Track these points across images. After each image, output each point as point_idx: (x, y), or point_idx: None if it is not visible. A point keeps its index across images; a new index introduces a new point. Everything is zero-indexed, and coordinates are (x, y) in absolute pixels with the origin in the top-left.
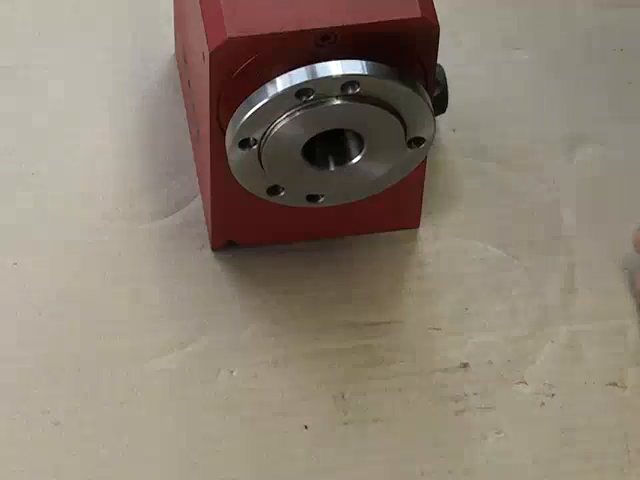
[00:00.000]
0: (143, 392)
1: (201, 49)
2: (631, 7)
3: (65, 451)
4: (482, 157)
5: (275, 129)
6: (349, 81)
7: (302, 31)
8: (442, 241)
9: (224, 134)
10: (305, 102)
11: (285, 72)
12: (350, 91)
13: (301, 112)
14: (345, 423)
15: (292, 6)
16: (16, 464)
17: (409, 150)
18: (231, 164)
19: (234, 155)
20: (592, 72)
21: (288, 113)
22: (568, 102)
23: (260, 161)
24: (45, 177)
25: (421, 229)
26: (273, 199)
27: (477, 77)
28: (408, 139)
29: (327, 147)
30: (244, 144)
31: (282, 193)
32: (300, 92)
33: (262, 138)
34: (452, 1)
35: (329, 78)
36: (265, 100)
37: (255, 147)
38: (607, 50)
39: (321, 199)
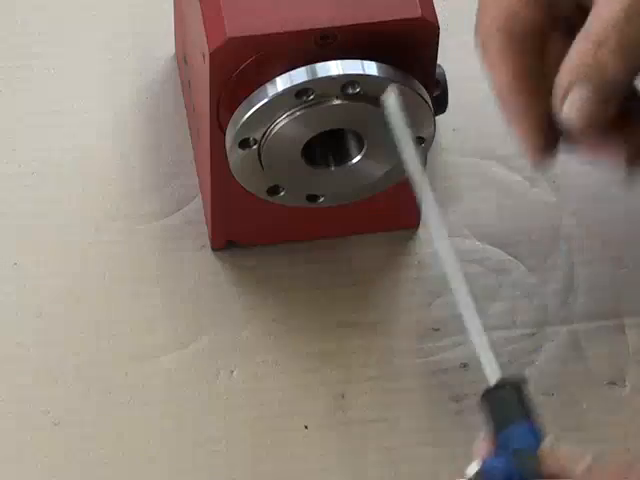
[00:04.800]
0: (143, 392)
1: (201, 49)
2: None
3: (65, 451)
4: (482, 157)
5: (275, 129)
6: (349, 81)
7: (302, 31)
8: None
9: (224, 134)
10: (305, 102)
11: (285, 72)
12: (350, 91)
13: (301, 112)
14: (345, 423)
15: (292, 6)
16: (16, 464)
17: None
18: (231, 164)
19: (234, 155)
20: None
21: (288, 113)
22: None
23: (260, 161)
24: (45, 177)
25: (421, 229)
26: (273, 199)
27: (477, 77)
28: None
29: (327, 147)
30: (244, 144)
31: (282, 193)
32: (300, 92)
33: (262, 138)
34: (452, 1)
35: (329, 78)
36: (265, 100)
37: (255, 147)
38: None
39: (321, 199)
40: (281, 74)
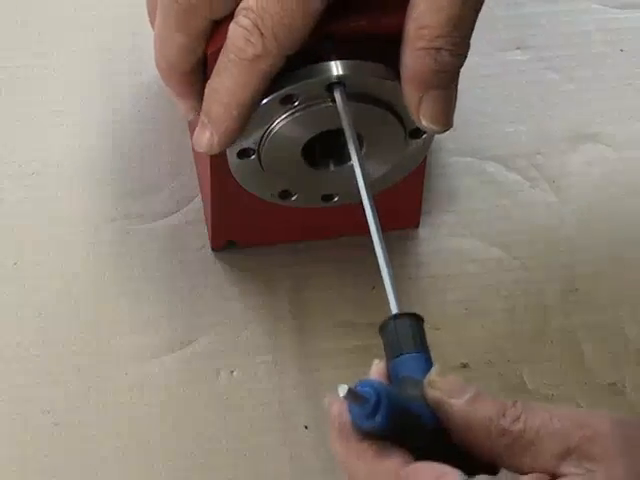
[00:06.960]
0: (143, 392)
1: None
2: (632, 8)
3: (65, 451)
4: (482, 157)
5: (271, 135)
6: (336, 82)
7: None
8: (442, 241)
9: None
10: (300, 104)
11: (284, 72)
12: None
13: (295, 115)
14: None
15: None
16: (16, 464)
17: (409, 146)
18: (236, 175)
19: (236, 166)
20: (592, 72)
21: (280, 119)
22: (568, 102)
23: (262, 168)
24: (45, 177)
25: (421, 229)
26: (286, 203)
27: (477, 77)
28: (407, 132)
29: (327, 147)
30: (242, 154)
31: (294, 197)
32: (284, 99)
33: (259, 146)
34: None
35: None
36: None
37: (254, 156)
38: (607, 50)
39: (335, 198)
40: (280, 74)
